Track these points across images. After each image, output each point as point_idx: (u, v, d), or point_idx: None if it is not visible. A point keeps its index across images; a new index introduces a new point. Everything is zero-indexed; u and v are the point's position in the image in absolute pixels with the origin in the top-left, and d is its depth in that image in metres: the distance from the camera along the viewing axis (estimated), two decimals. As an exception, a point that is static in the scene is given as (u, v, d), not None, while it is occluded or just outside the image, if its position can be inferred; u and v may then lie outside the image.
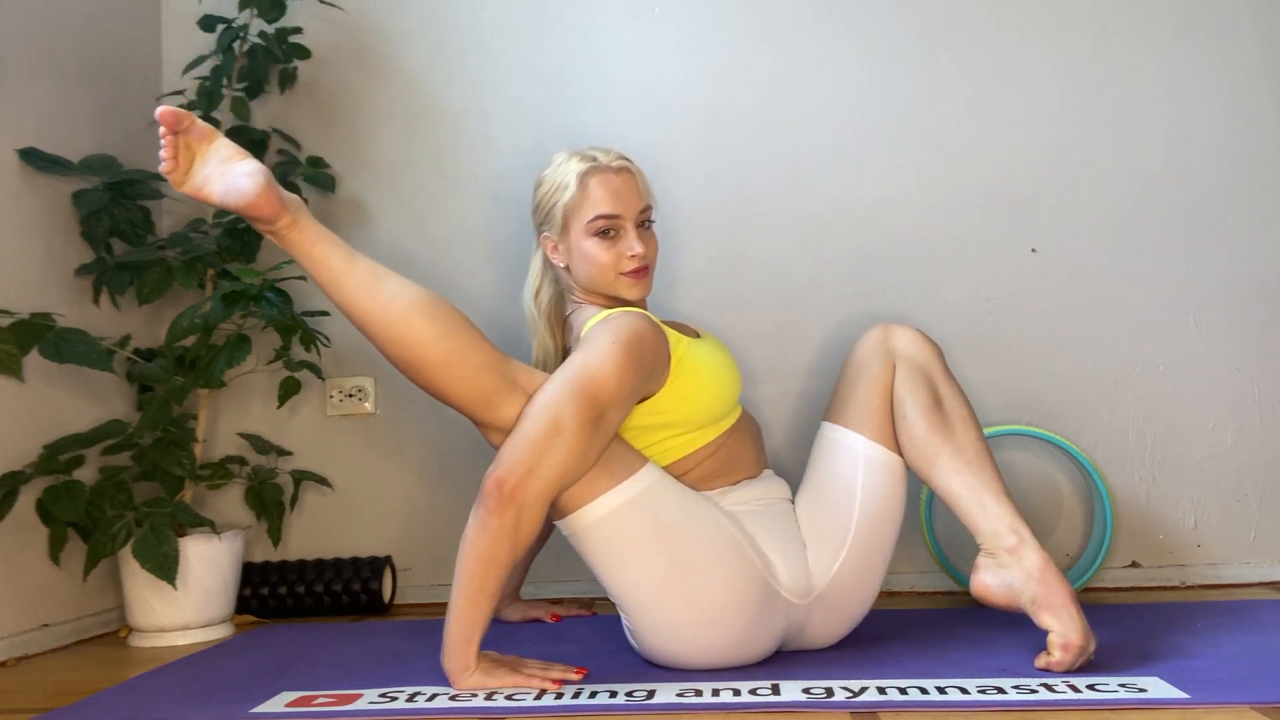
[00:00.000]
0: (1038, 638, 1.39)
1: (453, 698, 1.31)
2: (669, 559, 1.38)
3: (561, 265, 1.59)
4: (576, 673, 1.39)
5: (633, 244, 1.54)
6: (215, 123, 2.04)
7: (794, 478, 1.59)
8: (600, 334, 1.41)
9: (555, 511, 1.40)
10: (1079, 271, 2.06)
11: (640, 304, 1.61)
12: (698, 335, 1.62)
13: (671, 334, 1.50)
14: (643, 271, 1.56)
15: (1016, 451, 2.05)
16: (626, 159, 1.58)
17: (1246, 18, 2.06)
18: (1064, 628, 1.32)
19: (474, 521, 1.32)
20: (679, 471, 1.49)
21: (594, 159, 1.56)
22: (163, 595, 1.79)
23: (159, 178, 1.94)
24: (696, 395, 1.48)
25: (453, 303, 1.42)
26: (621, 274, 1.54)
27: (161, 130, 1.33)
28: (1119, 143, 2.07)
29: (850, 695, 1.26)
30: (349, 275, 1.38)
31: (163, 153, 1.35)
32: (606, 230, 1.54)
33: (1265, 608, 1.72)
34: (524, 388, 1.39)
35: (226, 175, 1.35)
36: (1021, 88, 2.09)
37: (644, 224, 1.58)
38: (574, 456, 1.33)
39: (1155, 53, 2.07)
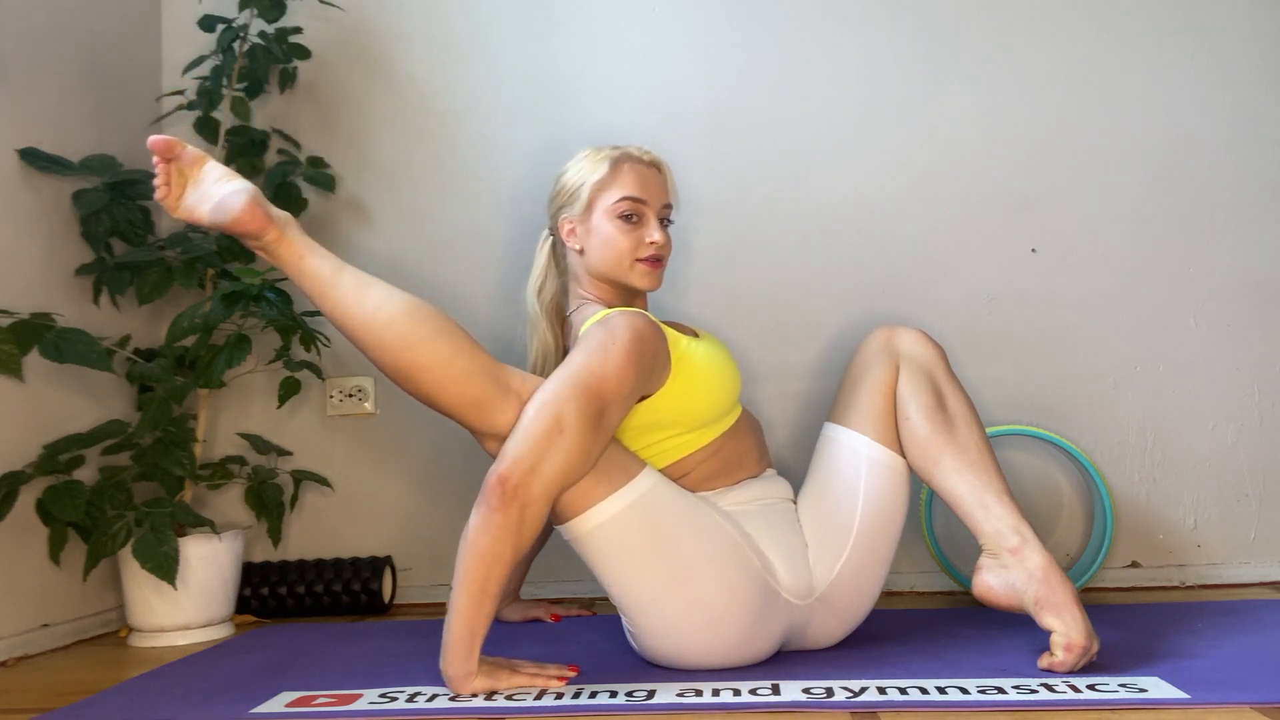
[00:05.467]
0: (1038, 638, 1.39)
1: (453, 698, 1.31)
2: (668, 562, 1.38)
3: (576, 248, 1.60)
4: (570, 670, 1.40)
5: (653, 231, 1.56)
6: (215, 123, 2.05)
7: (796, 478, 1.59)
8: (600, 332, 1.40)
9: (555, 516, 1.40)
10: (1079, 271, 2.06)
11: (643, 304, 1.62)
12: (696, 335, 1.62)
13: (670, 333, 1.50)
14: (658, 262, 1.58)
15: (1017, 451, 2.05)
16: (659, 158, 1.63)
17: (1246, 18, 2.07)
18: (1067, 628, 1.32)
19: (476, 520, 1.30)
20: (681, 472, 1.49)
21: (628, 151, 1.60)
22: (163, 595, 1.79)
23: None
24: (696, 394, 1.48)
25: (453, 304, 1.43)
26: (638, 260, 1.56)
27: (154, 159, 1.42)
28: (1119, 143, 2.07)
29: (850, 695, 1.26)
30: (336, 285, 1.41)
31: (156, 180, 1.43)
32: (630, 215, 1.56)
33: (1265, 608, 1.72)
34: (518, 392, 1.38)
35: (215, 195, 1.43)
36: (1021, 88, 2.09)
37: (664, 221, 1.60)
38: (576, 454, 1.32)
39: (1155, 53, 2.07)
